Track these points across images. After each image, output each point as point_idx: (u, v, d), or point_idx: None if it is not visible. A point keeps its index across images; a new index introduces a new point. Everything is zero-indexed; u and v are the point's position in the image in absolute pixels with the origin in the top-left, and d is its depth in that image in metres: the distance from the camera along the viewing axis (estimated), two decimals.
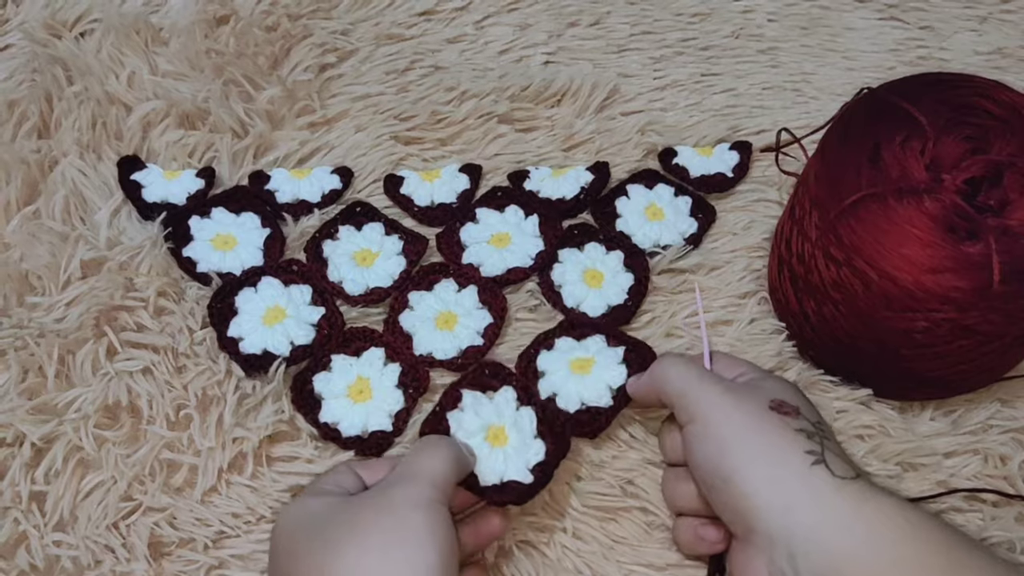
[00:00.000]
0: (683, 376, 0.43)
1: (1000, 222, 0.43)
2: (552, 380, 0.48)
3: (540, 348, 0.49)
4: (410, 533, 0.37)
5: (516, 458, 0.44)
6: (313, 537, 0.38)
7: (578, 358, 0.48)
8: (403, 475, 0.40)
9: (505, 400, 0.46)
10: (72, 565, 0.43)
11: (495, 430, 0.45)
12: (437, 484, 0.40)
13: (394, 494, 0.39)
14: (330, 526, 0.38)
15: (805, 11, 0.68)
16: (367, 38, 0.64)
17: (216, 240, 0.53)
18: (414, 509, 0.38)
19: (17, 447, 0.46)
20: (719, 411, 0.41)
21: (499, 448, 0.44)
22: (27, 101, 0.58)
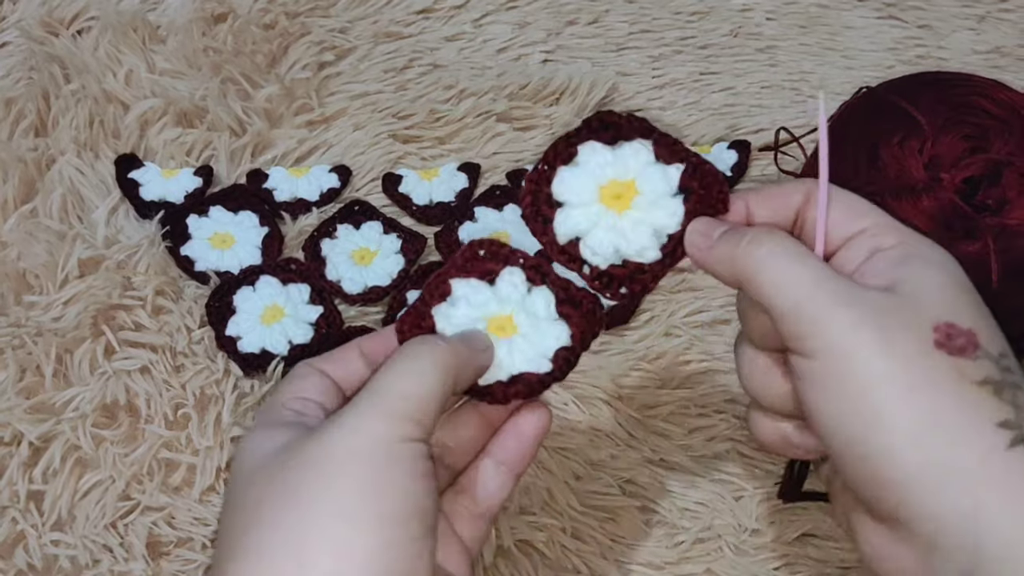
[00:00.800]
0: (797, 282, 0.29)
1: (998, 221, 0.43)
2: (573, 216, 0.34)
3: (557, 162, 0.35)
4: (347, 503, 0.28)
5: (528, 347, 0.34)
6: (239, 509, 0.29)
7: (613, 181, 0.34)
8: (361, 405, 0.30)
9: (510, 284, 0.35)
10: (70, 564, 0.43)
11: (499, 321, 0.35)
12: (408, 414, 0.29)
13: (335, 439, 0.29)
14: (264, 495, 0.29)
15: (804, 10, 0.68)
16: (365, 36, 0.64)
17: (214, 239, 0.53)
18: (363, 459, 0.28)
19: (15, 446, 0.46)
20: (858, 351, 0.28)
21: (505, 340, 0.34)
22: (24, 99, 0.57)
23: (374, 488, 0.28)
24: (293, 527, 0.27)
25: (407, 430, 0.29)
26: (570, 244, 0.35)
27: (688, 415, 0.49)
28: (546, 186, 0.34)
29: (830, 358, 0.28)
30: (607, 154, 0.34)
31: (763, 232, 0.31)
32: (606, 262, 0.34)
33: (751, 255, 0.30)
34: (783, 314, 0.30)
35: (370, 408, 0.30)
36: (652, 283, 0.34)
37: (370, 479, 0.28)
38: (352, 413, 0.29)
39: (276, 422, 0.31)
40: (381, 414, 0.29)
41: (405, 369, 0.31)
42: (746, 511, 0.46)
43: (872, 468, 0.28)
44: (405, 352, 0.32)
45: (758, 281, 0.30)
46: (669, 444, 0.48)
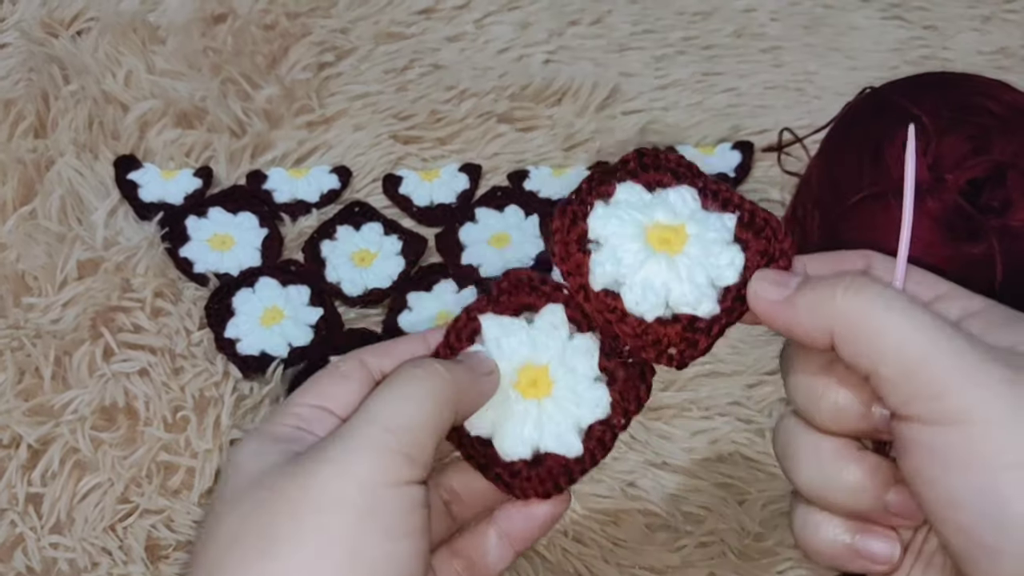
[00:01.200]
0: (922, 333, 0.25)
1: (1002, 223, 0.43)
2: (616, 255, 0.29)
3: (592, 197, 0.30)
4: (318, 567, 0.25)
5: (560, 417, 0.29)
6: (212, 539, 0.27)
7: (659, 224, 0.29)
8: (346, 436, 0.27)
9: (550, 324, 0.30)
10: (69, 567, 0.43)
11: (532, 373, 0.30)
12: (398, 449, 0.26)
13: (316, 480, 0.26)
14: (238, 534, 0.26)
15: (808, 10, 0.67)
16: (366, 37, 0.63)
17: (213, 240, 0.53)
18: (342, 510, 0.25)
19: (13, 449, 0.46)
20: (1005, 419, 0.24)
21: (534, 402, 0.29)
22: (23, 100, 0.57)
23: (351, 550, 0.25)
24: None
25: (397, 470, 0.26)
26: (607, 292, 0.29)
27: (691, 418, 0.49)
28: (581, 221, 0.29)
29: (970, 424, 0.24)
30: (647, 196, 0.30)
31: (865, 277, 0.26)
32: (652, 312, 0.28)
33: (856, 301, 0.26)
34: (905, 372, 0.25)
35: (355, 441, 0.26)
36: (705, 344, 0.29)
37: (348, 537, 0.25)
38: (337, 446, 0.26)
39: (272, 433, 0.29)
40: (367, 449, 0.26)
41: (395, 396, 0.27)
42: (750, 515, 0.46)
43: (1010, 563, 0.23)
44: (396, 377, 0.28)
45: (868, 333, 0.25)
46: (672, 447, 0.48)
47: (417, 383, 0.28)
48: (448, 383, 0.28)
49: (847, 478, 0.27)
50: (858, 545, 0.28)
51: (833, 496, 0.28)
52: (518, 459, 0.29)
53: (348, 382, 0.29)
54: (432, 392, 0.28)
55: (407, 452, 0.26)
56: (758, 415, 0.49)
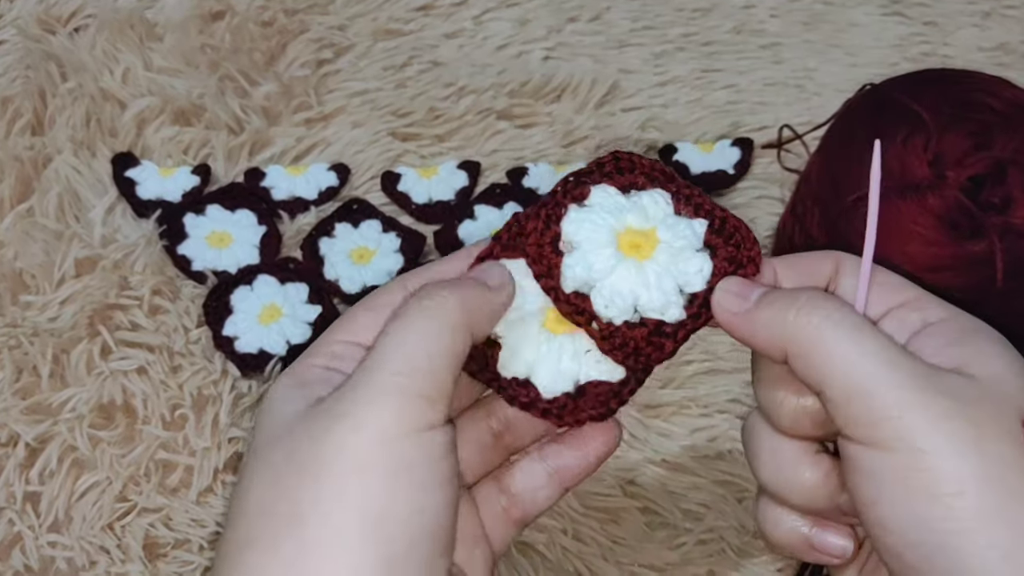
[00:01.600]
0: (868, 359, 0.25)
1: (1003, 220, 0.42)
2: (587, 259, 0.30)
3: (567, 199, 0.31)
4: (347, 530, 0.24)
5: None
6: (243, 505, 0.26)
7: (631, 228, 0.30)
8: (359, 385, 0.25)
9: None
10: (67, 566, 0.43)
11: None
12: (415, 391, 0.25)
13: (333, 439, 0.24)
14: (265, 502, 0.25)
15: (807, 6, 0.67)
16: (364, 33, 0.63)
17: (211, 238, 0.53)
18: (365, 469, 0.24)
19: (11, 447, 0.45)
20: (943, 448, 0.24)
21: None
22: (20, 98, 0.57)
23: (379, 514, 0.24)
24: (290, 556, 0.24)
25: (417, 415, 0.25)
26: (577, 295, 0.30)
27: (690, 415, 0.49)
28: (555, 224, 0.30)
29: (907, 453, 0.24)
30: (621, 199, 0.30)
31: (819, 296, 0.27)
32: (621, 317, 0.29)
33: (807, 323, 0.26)
34: (848, 396, 0.25)
35: (366, 390, 0.25)
36: (671, 348, 0.29)
37: (374, 500, 0.24)
38: (348, 398, 0.25)
39: (301, 375, 0.27)
40: (381, 399, 0.25)
41: (403, 334, 0.26)
42: (749, 512, 0.46)
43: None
44: (403, 312, 0.27)
45: (816, 355, 0.26)
46: (671, 444, 0.48)
47: (424, 316, 0.26)
48: (457, 309, 0.27)
49: (803, 479, 0.29)
50: (814, 539, 0.29)
51: (790, 495, 0.29)
52: (561, 394, 0.29)
53: (387, 311, 0.28)
54: (441, 322, 0.26)
55: (425, 393, 0.25)
56: None
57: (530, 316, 0.30)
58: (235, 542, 0.25)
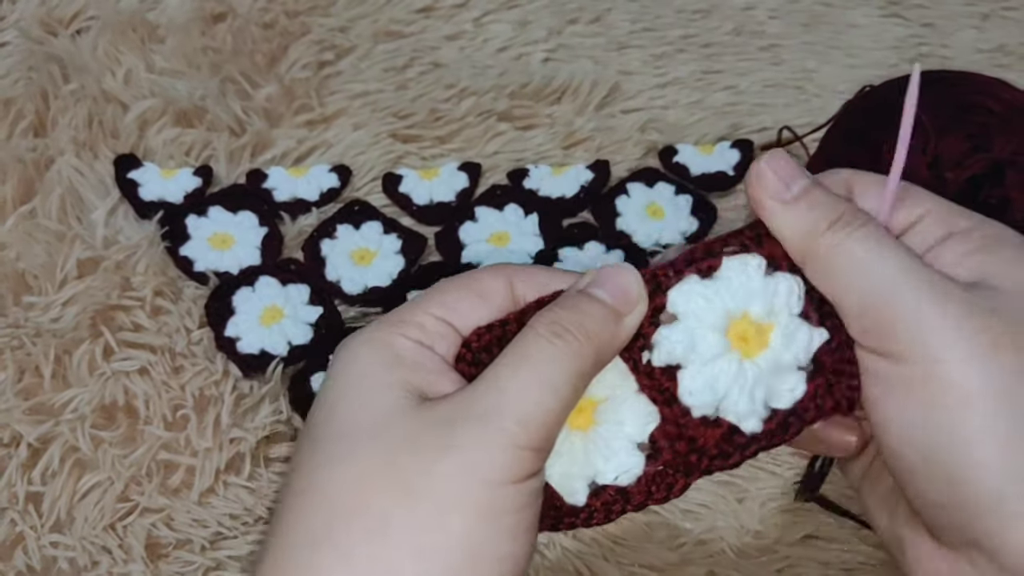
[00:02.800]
0: (884, 274, 0.25)
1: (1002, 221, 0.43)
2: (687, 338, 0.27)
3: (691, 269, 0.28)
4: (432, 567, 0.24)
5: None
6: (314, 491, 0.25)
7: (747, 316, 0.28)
8: (477, 424, 0.25)
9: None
10: (69, 566, 0.43)
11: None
12: (527, 444, 0.24)
13: (438, 471, 0.24)
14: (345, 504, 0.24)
15: (807, 8, 0.67)
16: (365, 35, 0.63)
17: (213, 239, 0.53)
18: (462, 509, 0.24)
19: (13, 447, 0.46)
20: (955, 359, 0.24)
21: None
22: (23, 99, 0.57)
23: (470, 552, 0.24)
24: (364, 572, 0.24)
25: (524, 467, 0.24)
26: (665, 370, 0.27)
27: None
28: (661, 292, 0.27)
29: (919, 363, 0.24)
30: (756, 282, 0.27)
31: (854, 213, 0.26)
32: (700, 410, 0.27)
33: (837, 235, 0.26)
34: (863, 307, 0.25)
35: (484, 433, 0.24)
36: (736, 461, 0.27)
37: (467, 538, 0.24)
38: (465, 433, 0.24)
39: (393, 345, 0.26)
40: (497, 446, 0.24)
41: (532, 381, 0.25)
42: (749, 513, 0.46)
43: (956, 492, 0.24)
44: (536, 351, 0.25)
45: (834, 266, 0.26)
46: None
47: (557, 363, 0.25)
48: (589, 357, 0.26)
49: None
50: (820, 432, 0.29)
51: None
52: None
53: (485, 305, 0.27)
54: (570, 372, 0.25)
55: (537, 447, 0.25)
56: None
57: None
58: (301, 533, 0.24)
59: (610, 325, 0.26)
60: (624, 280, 0.27)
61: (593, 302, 0.26)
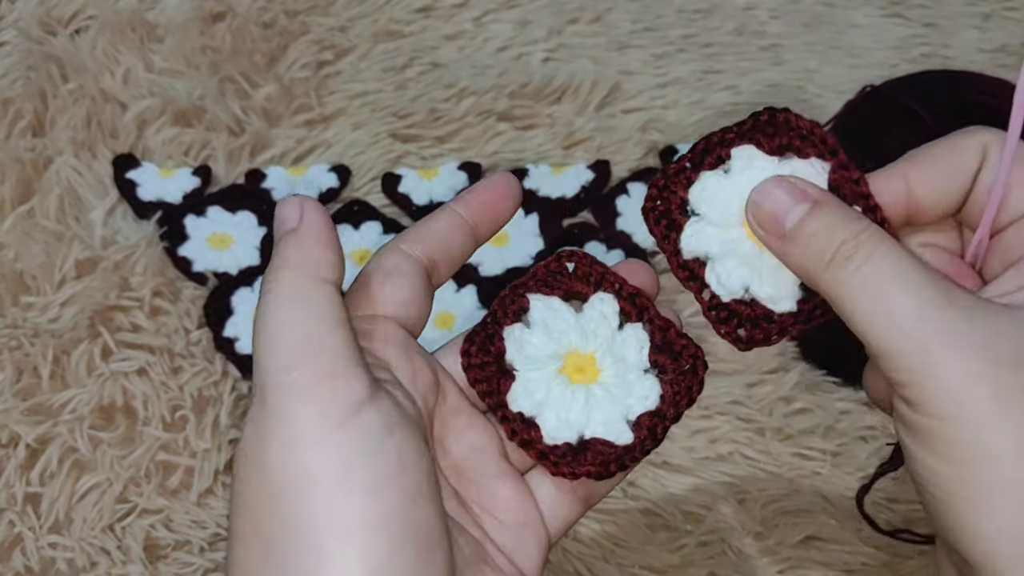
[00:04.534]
0: (898, 313, 0.23)
1: None
2: (708, 233, 0.28)
3: (704, 164, 0.29)
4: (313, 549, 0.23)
5: (608, 403, 0.28)
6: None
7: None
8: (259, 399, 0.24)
9: (600, 314, 0.29)
10: (67, 567, 0.43)
11: (577, 360, 0.29)
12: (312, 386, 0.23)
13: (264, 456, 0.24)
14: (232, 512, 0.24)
15: (808, 8, 0.67)
16: (365, 35, 0.63)
17: (212, 239, 0.53)
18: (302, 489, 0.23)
19: (12, 448, 0.45)
20: (970, 415, 0.23)
21: (581, 387, 0.29)
22: (21, 99, 0.57)
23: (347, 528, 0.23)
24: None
25: (331, 405, 0.23)
26: (695, 261, 0.29)
27: (691, 417, 0.48)
28: (683, 189, 0.28)
29: (939, 420, 0.23)
30: (769, 166, 0.28)
31: (862, 235, 0.24)
32: (730, 295, 0.28)
33: (838, 273, 0.24)
34: (877, 353, 0.24)
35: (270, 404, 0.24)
36: (776, 337, 0.28)
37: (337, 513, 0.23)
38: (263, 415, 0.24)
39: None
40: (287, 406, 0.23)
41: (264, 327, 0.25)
42: (750, 514, 0.46)
43: (972, 549, 0.23)
44: (258, 304, 0.25)
45: (846, 307, 0.24)
46: (672, 446, 0.48)
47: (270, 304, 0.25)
48: (289, 271, 0.26)
49: None
50: None
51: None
52: (562, 443, 0.28)
53: (396, 279, 0.27)
54: (287, 296, 0.25)
55: (326, 374, 0.24)
56: (758, 414, 0.48)
57: (550, 358, 0.29)
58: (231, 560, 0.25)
59: (290, 243, 0.27)
60: (280, 211, 0.27)
61: (275, 243, 0.27)
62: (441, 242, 0.28)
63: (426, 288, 0.28)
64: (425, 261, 0.28)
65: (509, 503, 0.28)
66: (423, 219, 0.29)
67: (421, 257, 0.28)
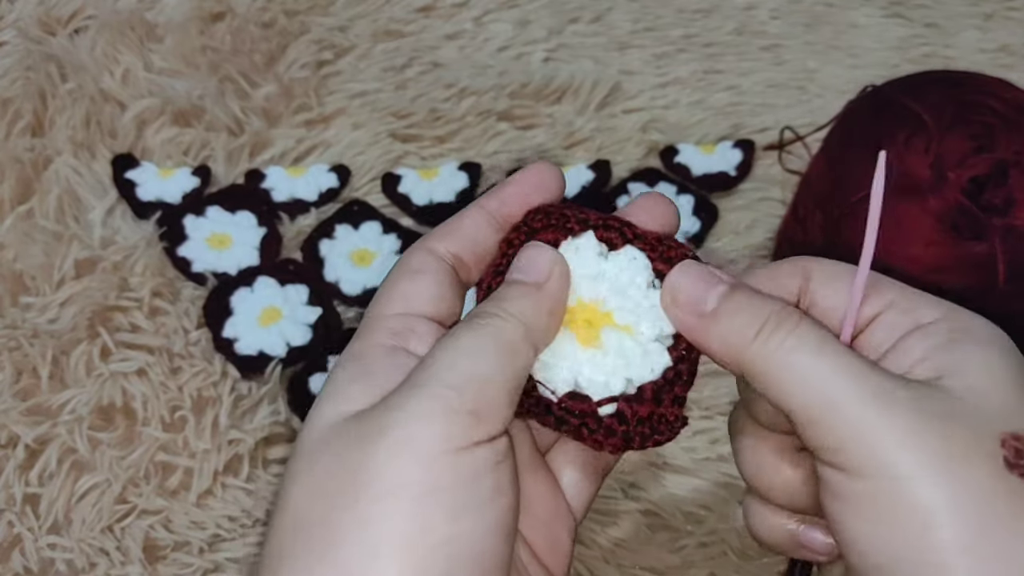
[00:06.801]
0: (828, 379, 0.24)
1: (1005, 222, 0.42)
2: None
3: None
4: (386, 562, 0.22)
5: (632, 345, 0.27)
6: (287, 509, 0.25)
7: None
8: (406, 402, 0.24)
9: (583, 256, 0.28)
10: (67, 568, 0.43)
11: (584, 311, 0.28)
12: (461, 407, 0.23)
13: (379, 450, 0.23)
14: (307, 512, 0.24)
15: (808, 8, 0.67)
16: (365, 35, 0.63)
17: (211, 239, 0.53)
18: (401, 491, 0.23)
19: (11, 449, 0.45)
20: (911, 475, 0.23)
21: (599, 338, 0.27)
22: (21, 99, 0.57)
23: (409, 540, 0.22)
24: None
25: (462, 432, 0.23)
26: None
27: (691, 417, 0.48)
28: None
29: (874, 479, 0.23)
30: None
31: (783, 314, 0.25)
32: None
33: (765, 346, 0.25)
34: (809, 419, 0.24)
35: (413, 406, 0.23)
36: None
37: (406, 525, 0.23)
38: (395, 412, 0.24)
39: (369, 360, 0.25)
40: (427, 413, 0.23)
41: (457, 352, 0.24)
42: None
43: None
44: (456, 331, 0.25)
45: (773, 378, 0.24)
46: (672, 446, 0.48)
47: (482, 337, 0.25)
48: (514, 325, 0.25)
49: (785, 478, 0.28)
50: (800, 536, 0.28)
51: (772, 492, 0.28)
52: (615, 401, 0.26)
53: (424, 276, 0.27)
54: (498, 341, 0.25)
55: (473, 409, 0.23)
56: None
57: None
58: (272, 554, 0.24)
59: (531, 296, 0.26)
60: (532, 254, 0.27)
61: (510, 286, 0.27)
62: (467, 239, 0.28)
63: (454, 285, 0.28)
64: (450, 258, 0.28)
65: (543, 497, 0.28)
66: (451, 217, 0.29)
67: (446, 254, 0.28)
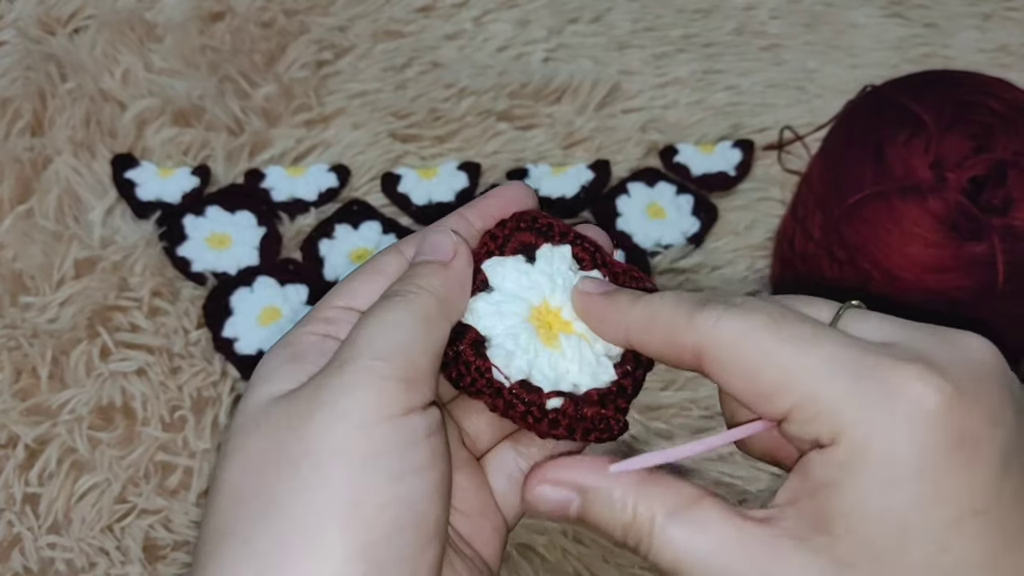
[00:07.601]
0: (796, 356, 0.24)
1: (1004, 222, 0.42)
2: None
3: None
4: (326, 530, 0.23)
5: (588, 349, 0.28)
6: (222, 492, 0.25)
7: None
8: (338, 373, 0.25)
9: (553, 266, 0.30)
10: (66, 568, 0.43)
11: (546, 313, 0.29)
12: (392, 374, 0.25)
13: (317, 421, 0.24)
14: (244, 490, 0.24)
15: (808, 8, 0.67)
16: (364, 35, 0.63)
17: (211, 239, 0.53)
18: (342, 457, 0.24)
19: (10, 449, 0.45)
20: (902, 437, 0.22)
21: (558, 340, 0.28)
22: (20, 99, 0.57)
23: (352, 502, 0.23)
24: (265, 549, 0.23)
25: (394, 399, 0.24)
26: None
27: (691, 417, 0.48)
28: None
29: (869, 447, 0.23)
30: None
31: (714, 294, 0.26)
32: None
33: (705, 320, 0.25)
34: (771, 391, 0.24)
35: (346, 377, 0.24)
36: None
37: (348, 488, 0.23)
38: (329, 385, 0.25)
39: (293, 346, 0.27)
40: (361, 384, 0.24)
41: (378, 324, 0.26)
42: None
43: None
44: (376, 306, 0.26)
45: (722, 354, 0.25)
46: (672, 447, 0.48)
47: (398, 310, 0.26)
48: (427, 299, 0.27)
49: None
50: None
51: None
52: (562, 400, 0.27)
53: (382, 278, 0.28)
54: (414, 313, 0.26)
55: (403, 376, 0.25)
56: None
57: (521, 320, 0.29)
58: (211, 533, 0.25)
59: (440, 273, 0.27)
60: (435, 238, 0.28)
61: (419, 265, 0.28)
62: None
63: None
64: None
65: (468, 492, 0.29)
66: (432, 224, 0.30)
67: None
